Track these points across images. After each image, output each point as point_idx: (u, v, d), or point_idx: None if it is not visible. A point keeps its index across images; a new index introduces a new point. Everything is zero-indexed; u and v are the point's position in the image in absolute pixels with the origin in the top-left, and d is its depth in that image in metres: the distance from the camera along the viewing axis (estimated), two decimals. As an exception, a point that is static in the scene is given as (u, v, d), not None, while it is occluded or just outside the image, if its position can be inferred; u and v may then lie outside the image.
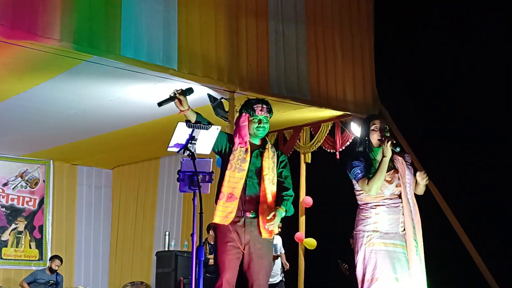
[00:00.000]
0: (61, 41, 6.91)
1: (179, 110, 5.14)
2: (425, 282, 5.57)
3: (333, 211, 10.68)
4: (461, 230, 9.53)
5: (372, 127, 5.68)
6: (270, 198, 5.55)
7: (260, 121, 5.64)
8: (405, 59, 10.41)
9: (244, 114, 5.67)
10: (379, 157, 5.62)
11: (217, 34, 8.33)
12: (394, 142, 5.53)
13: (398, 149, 5.54)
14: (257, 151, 5.64)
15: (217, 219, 5.43)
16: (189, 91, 5.09)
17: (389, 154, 5.50)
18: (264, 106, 5.72)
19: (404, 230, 5.60)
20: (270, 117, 5.79)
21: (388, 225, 5.57)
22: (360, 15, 10.18)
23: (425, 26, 10.41)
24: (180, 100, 5.11)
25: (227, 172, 5.46)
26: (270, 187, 5.60)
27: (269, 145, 5.75)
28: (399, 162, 5.72)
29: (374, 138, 5.67)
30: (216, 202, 5.44)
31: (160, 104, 5.09)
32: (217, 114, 8.21)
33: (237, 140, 5.57)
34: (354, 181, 5.66)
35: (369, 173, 5.55)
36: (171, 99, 5.11)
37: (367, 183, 5.48)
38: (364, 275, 5.53)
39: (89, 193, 13.93)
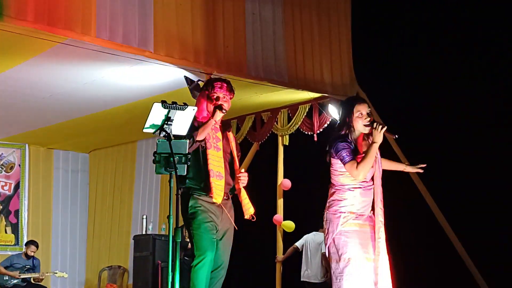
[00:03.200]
0: (36, 23, 6.81)
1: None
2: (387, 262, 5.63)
3: (311, 194, 10.66)
4: (442, 219, 9.56)
5: (357, 114, 5.65)
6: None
7: (218, 98, 5.63)
8: (382, 41, 10.39)
9: (203, 91, 5.70)
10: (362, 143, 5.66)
11: (193, 15, 8.25)
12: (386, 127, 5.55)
13: (396, 136, 5.56)
14: (224, 132, 5.72)
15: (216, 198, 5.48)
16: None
17: (380, 140, 5.51)
18: (224, 84, 5.71)
19: (372, 211, 5.65)
20: (231, 98, 5.78)
21: (362, 207, 5.61)
22: (337, -4, 10.15)
23: (403, 8, 10.39)
24: None
25: (209, 151, 5.48)
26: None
27: (231, 129, 5.87)
28: None
29: (360, 124, 5.64)
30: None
31: None
32: (194, 97, 8.13)
33: (199, 116, 5.58)
34: (334, 162, 5.63)
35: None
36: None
37: (356, 167, 5.47)
38: (340, 255, 5.54)
39: (65, 177, 13.84)
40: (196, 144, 5.42)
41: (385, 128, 5.49)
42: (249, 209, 5.71)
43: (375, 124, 5.55)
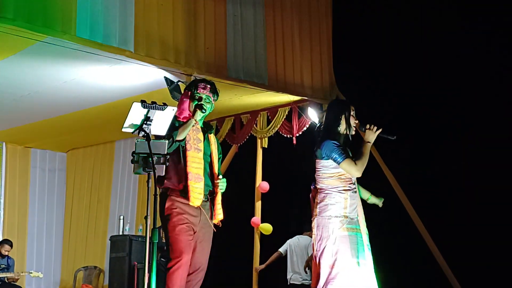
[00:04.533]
0: (15, 20, 6.76)
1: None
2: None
3: (289, 196, 10.68)
4: (418, 221, 9.61)
5: (352, 113, 5.71)
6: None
7: (200, 99, 5.59)
8: (363, 45, 10.43)
9: (186, 91, 5.66)
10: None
11: (174, 16, 8.24)
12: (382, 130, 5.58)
13: (394, 137, 5.59)
14: (206, 134, 5.68)
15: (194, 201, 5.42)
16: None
17: (373, 139, 5.53)
18: (208, 85, 5.68)
19: (358, 216, 5.65)
20: (215, 100, 5.75)
21: (352, 210, 5.60)
22: (319, -1, 10.17)
23: (384, 12, 10.43)
24: None
25: (188, 153, 5.45)
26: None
27: (213, 131, 5.82)
28: None
29: (352, 123, 5.71)
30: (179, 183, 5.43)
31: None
32: (174, 98, 8.13)
33: (180, 116, 5.56)
34: (322, 165, 5.62)
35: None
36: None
37: (356, 163, 5.46)
38: (335, 261, 5.50)
39: (42, 176, 13.73)
40: (176, 143, 5.39)
41: (380, 130, 5.53)
42: (219, 215, 5.66)
43: (368, 125, 5.60)
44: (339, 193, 5.56)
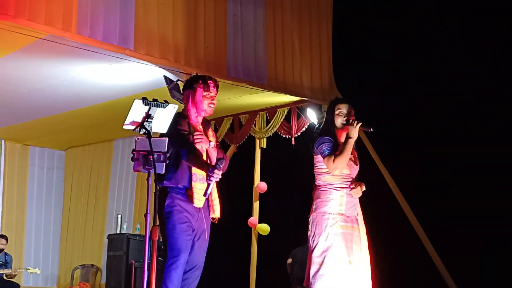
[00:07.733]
0: (16, 17, 6.76)
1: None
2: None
3: (287, 197, 10.68)
4: (417, 224, 9.62)
5: (337, 112, 5.72)
6: None
7: (212, 98, 5.57)
8: (363, 46, 10.43)
9: (198, 88, 5.56)
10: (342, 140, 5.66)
11: (174, 15, 8.24)
12: (362, 123, 5.59)
13: (372, 130, 5.60)
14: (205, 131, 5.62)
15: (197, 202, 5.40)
16: None
17: (355, 135, 5.55)
18: (216, 83, 5.64)
19: (357, 213, 5.67)
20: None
21: (349, 207, 5.61)
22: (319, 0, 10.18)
23: (384, 13, 10.44)
24: None
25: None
26: None
27: (211, 124, 5.73)
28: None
29: (338, 122, 5.71)
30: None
31: None
32: (173, 96, 8.14)
33: (193, 117, 5.51)
34: (317, 160, 5.64)
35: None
36: None
37: (333, 161, 5.48)
38: (325, 257, 5.52)
39: (41, 174, 13.75)
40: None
41: (360, 124, 5.55)
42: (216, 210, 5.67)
43: (351, 120, 5.62)
44: (335, 190, 5.59)
